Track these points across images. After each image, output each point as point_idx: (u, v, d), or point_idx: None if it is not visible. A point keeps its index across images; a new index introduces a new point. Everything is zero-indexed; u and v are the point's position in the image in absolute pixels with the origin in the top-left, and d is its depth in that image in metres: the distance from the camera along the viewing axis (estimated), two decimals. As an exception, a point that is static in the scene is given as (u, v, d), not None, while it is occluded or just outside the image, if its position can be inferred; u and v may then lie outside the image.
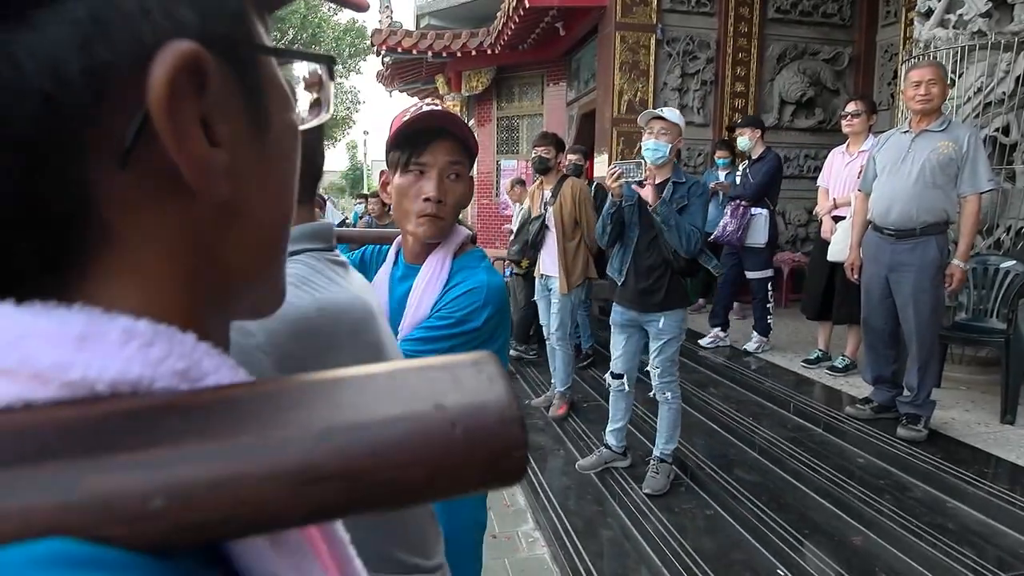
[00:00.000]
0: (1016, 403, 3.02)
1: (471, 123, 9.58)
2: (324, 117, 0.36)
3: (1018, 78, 3.31)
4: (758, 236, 4.33)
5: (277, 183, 0.29)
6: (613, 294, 3.02)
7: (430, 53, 8.16)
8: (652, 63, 6.17)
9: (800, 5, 6.54)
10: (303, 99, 0.35)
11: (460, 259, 1.21)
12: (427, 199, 1.14)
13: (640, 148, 2.80)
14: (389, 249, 1.33)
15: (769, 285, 4.47)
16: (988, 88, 3.37)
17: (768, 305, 4.44)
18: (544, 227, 4.03)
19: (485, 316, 1.14)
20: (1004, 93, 3.34)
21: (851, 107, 3.90)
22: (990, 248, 3.44)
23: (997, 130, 3.37)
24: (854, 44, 6.70)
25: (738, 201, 4.40)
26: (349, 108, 22.83)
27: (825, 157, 4.30)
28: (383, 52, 8.43)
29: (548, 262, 4.08)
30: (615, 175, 2.66)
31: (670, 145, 2.68)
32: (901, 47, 5.98)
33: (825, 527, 2.54)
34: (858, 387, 3.53)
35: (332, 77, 0.34)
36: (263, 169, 0.28)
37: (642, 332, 2.93)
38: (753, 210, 4.34)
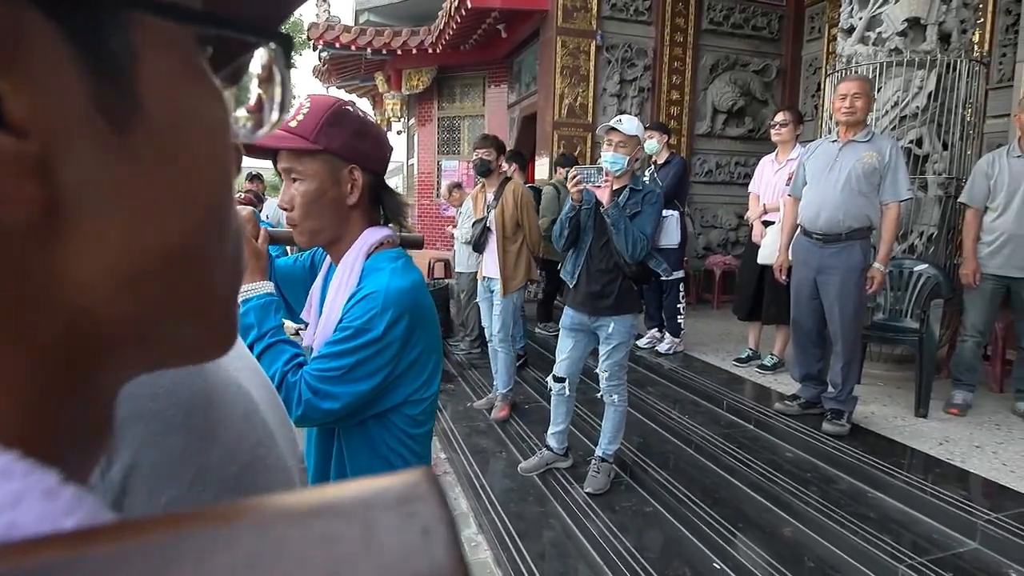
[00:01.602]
0: (929, 398, 3.24)
1: (411, 122, 9.48)
2: (274, 120, 0.27)
3: (930, 94, 3.54)
4: (671, 238, 4.45)
5: (160, 191, 0.21)
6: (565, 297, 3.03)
7: (369, 50, 8.02)
8: (592, 69, 6.27)
9: (732, 18, 6.81)
10: (253, 92, 0.27)
11: (371, 260, 1.13)
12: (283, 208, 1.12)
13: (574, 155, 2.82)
14: None
15: (680, 286, 4.55)
16: (904, 102, 3.59)
17: (679, 306, 4.53)
18: (487, 230, 4.02)
19: (386, 323, 1.05)
20: (918, 108, 3.57)
21: (780, 117, 4.08)
22: (904, 253, 3.67)
23: (912, 142, 3.60)
24: (781, 57, 7.02)
25: None
26: (284, 104, 22.17)
27: (755, 164, 4.47)
28: (320, 47, 8.21)
29: (491, 264, 4.07)
30: (576, 180, 2.68)
31: (627, 157, 2.72)
32: (825, 61, 6.31)
33: (757, 520, 2.64)
34: (786, 384, 3.69)
35: (289, 64, 0.26)
36: (126, 171, 0.20)
37: (590, 337, 2.96)
38: (664, 212, 4.46)
